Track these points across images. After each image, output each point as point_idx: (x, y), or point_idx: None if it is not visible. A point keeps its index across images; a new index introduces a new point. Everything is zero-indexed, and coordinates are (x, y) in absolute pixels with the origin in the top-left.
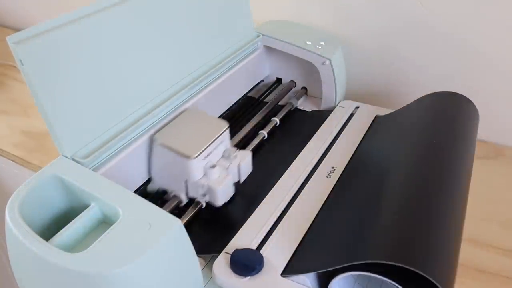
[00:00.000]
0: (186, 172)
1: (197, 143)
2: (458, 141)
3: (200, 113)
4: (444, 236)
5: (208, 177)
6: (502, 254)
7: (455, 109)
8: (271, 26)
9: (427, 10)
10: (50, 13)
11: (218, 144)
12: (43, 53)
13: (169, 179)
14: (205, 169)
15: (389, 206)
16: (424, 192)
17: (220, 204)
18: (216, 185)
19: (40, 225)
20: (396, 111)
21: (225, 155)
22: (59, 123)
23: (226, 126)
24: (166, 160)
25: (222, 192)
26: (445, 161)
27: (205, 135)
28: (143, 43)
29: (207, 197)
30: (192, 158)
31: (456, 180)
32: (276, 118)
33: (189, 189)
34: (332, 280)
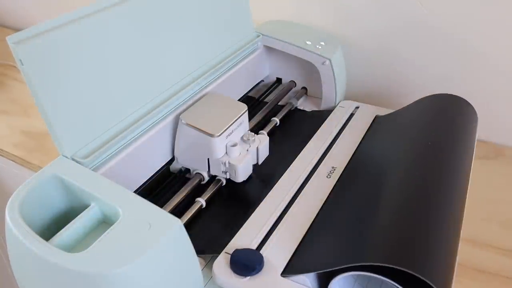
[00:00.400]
0: (209, 150)
1: (219, 123)
2: (456, 143)
3: (220, 96)
4: (441, 238)
5: (229, 155)
6: (502, 254)
7: (454, 111)
8: (271, 26)
9: (427, 10)
10: (50, 13)
11: (238, 125)
12: (43, 53)
13: (192, 158)
14: (226, 148)
15: (387, 207)
16: (423, 193)
17: (241, 180)
18: (237, 162)
19: (40, 225)
20: (396, 112)
21: (244, 139)
22: (59, 123)
23: (245, 108)
24: (191, 138)
25: (243, 169)
26: (443, 163)
27: (227, 116)
28: (143, 43)
29: (228, 174)
30: (215, 136)
31: (454, 182)
32: (276, 118)
33: (211, 167)
34: (332, 280)
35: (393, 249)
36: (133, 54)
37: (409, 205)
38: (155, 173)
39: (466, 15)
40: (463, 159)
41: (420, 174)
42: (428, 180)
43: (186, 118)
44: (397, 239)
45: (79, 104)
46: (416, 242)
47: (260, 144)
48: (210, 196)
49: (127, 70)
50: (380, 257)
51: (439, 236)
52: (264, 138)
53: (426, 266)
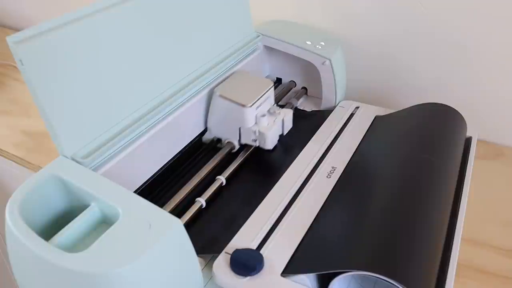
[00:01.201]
0: (241, 120)
1: (250, 95)
2: (444, 151)
3: (248, 74)
4: (425, 248)
5: (259, 125)
6: (502, 254)
7: (444, 121)
8: (271, 26)
9: (427, 10)
10: (50, 13)
11: (266, 98)
12: (43, 53)
13: (224, 128)
14: (256, 118)
15: (378, 212)
16: (409, 203)
17: (270, 147)
18: (266, 130)
19: (40, 225)
20: (392, 115)
21: (271, 112)
22: (59, 123)
23: (272, 84)
24: (224, 109)
25: (271, 137)
26: (429, 173)
27: (256, 90)
28: (142, 43)
29: (258, 142)
30: (247, 106)
31: (440, 190)
32: None
33: (242, 136)
34: (332, 280)
35: (374, 257)
36: (133, 54)
37: (395, 215)
38: (154, 173)
39: (466, 19)
40: (451, 166)
41: (408, 183)
42: (415, 188)
43: (220, 91)
44: (379, 248)
45: (79, 104)
46: (398, 250)
47: (285, 116)
48: (210, 196)
49: (127, 70)
50: (363, 265)
51: (422, 246)
52: (289, 111)
53: (404, 275)
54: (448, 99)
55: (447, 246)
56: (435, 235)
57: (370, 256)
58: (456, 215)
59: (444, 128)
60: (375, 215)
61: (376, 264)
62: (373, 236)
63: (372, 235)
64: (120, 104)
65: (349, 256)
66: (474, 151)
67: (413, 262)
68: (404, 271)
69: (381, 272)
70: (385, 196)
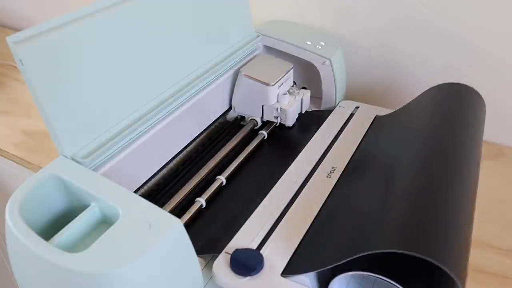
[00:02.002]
0: (264, 97)
1: (273, 75)
2: (465, 135)
3: (269, 56)
4: (455, 227)
5: (280, 102)
6: (502, 254)
7: (463, 102)
8: (271, 26)
9: (426, 10)
10: (50, 13)
11: (286, 79)
12: (43, 53)
13: (248, 105)
14: (278, 96)
15: (393, 202)
16: (432, 187)
17: (291, 124)
18: (288, 107)
19: (40, 225)
20: (400, 108)
21: (290, 91)
22: (59, 123)
23: (292, 66)
24: (248, 88)
25: (292, 113)
26: (452, 156)
27: (278, 70)
28: (142, 43)
29: (279, 119)
30: (270, 85)
31: (464, 175)
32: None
33: (265, 113)
34: (332, 280)
35: (405, 237)
36: (133, 54)
37: (419, 197)
38: (154, 173)
39: (466, 12)
40: (472, 151)
41: (430, 167)
42: (437, 172)
43: (245, 70)
44: (410, 226)
45: (79, 104)
46: (427, 230)
47: (304, 95)
48: (210, 196)
49: (127, 70)
50: (394, 244)
51: (451, 225)
52: (307, 91)
53: (443, 253)
54: None
55: None
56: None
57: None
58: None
59: (462, 106)
60: (386, 205)
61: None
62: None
63: (374, 230)
64: (120, 104)
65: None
66: None
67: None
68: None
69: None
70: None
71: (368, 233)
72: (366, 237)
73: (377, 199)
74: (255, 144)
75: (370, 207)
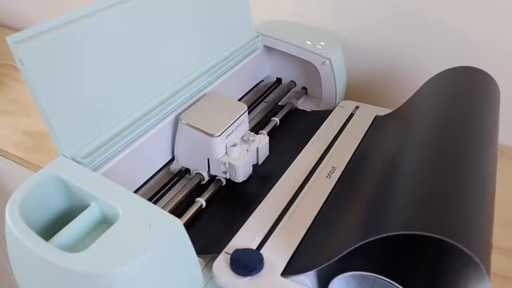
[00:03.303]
0: (209, 150)
1: (219, 123)
2: (481, 122)
3: (220, 96)
4: (477, 209)
5: (229, 155)
6: (502, 254)
7: (475, 84)
8: (271, 26)
9: (427, 10)
10: (50, 13)
11: (238, 125)
12: (43, 53)
13: (192, 158)
14: (226, 148)
15: (398, 192)
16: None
17: (241, 180)
18: (237, 162)
19: (40, 225)
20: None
21: (244, 139)
22: (59, 123)
23: (245, 108)
24: (191, 138)
25: (243, 169)
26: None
27: (227, 116)
28: (142, 44)
29: (228, 174)
30: (215, 136)
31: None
32: (276, 118)
33: (211, 167)
34: (332, 280)
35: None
36: (133, 54)
37: (436, 173)
38: (154, 173)
39: (466, 18)
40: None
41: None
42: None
43: (186, 118)
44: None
45: (79, 104)
46: (445, 209)
47: (260, 144)
48: (210, 196)
49: (127, 70)
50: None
51: (473, 207)
52: (264, 137)
53: (466, 235)
54: None
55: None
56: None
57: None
58: None
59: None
60: (378, 210)
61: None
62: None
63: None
64: (120, 104)
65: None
66: None
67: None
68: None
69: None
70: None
71: (374, 221)
72: (374, 223)
73: (377, 199)
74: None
75: (368, 209)
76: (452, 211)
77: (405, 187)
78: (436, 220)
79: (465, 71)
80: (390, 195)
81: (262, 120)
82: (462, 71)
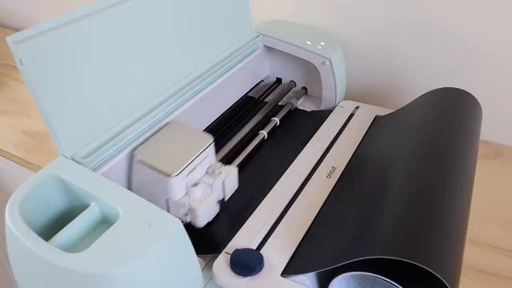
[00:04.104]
0: (167, 191)
1: (178, 160)
2: (461, 139)
3: (183, 126)
4: (448, 233)
5: (190, 196)
6: (502, 254)
7: (459, 106)
8: (271, 26)
9: (427, 9)
10: (50, 13)
11: (202, 159)
12: (43, 53)
13: (149, 197)
14: (187, 187)
15: (392, 203)
16: (428, 188)
17: (202, 225)
18: (197, 205)
19: (40, 225)
20: (398, 110)
21: (209, 172)
22: (59, 123)
23: (210, 140)
24: (146, 177)
25: (204, 212)
26: (448, 159)
27: (188, 151)
28: (142, 44)
29: (189, 217)
30: (172, 176)
31: (459, 178)
32: (276, 118)
33: (171, 208)
34: (332, 280)
35: (398, 243)
36: (133, 54)
37: (415, 200)
38: None
39: (466, 13)
40: (468, 154)
41: (425, 170)
42: (433, 175)
43: (140, 153)
44: (402, 233)
45: (79, 104)
46: (421, 236)
47: (226, 177)
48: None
49: (127, 70)
50: (389, 250)
51: (445, 231)
52: (232, 169)
53: (436, 260)
54: None
55: None
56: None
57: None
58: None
59: (460, 111)
60: (384, 208)
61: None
62: (388, 226)
63: (384, 226)
64: (120, 104)
65: (353, 247)
66: None
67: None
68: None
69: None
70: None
71: (365, 237)
72: (363, 241)
73: (375, 201)
74: (254, 144)
75: (368, 209)
76: (425, 239)
77: (389, 211)
78: (411, 247)
79: (449, 92)
80: (377, 215)
81: (262, 120)
82: (447, 92)
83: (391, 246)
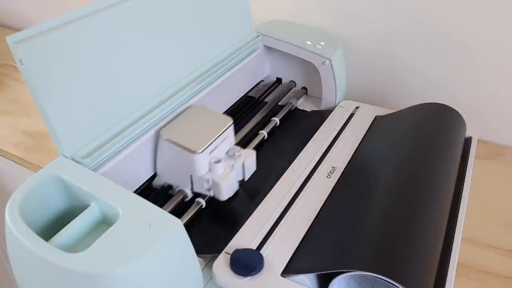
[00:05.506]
0: (192, 167)
1: (202, 138)
2: (445, 155)
3: (204, 109)
4: (424, 249)
5: (213, 172)
6: (502, 254)
7: (444, 121)
8: (271, 26)
9: (427, 10)
10: (50, 13)
11: (223, 140)
12: (43, 53)
13: (174, 174)
14: (210, 164)
15: (377, 213)
16: (408, 206)
17: (225, 198)
18: (221, 179)
19: (40, 225)
20: (392, 115)
21: (230, 154)
22: (59, 123)
23: (230, 122)
24: (172, 155)
25: (227, 187)
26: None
27: (210, 131)
28: (143, 43)
29: (212, 191)
30: (197, 153)
31: (439, 191)
32: (276, 118)
33: (194, 184)
34: (333, 280)
35: (374, 257)
36: (133, 54)
37: (395, 215)
38: (154, 173)
39: (466, 19)
40: (451, 166)
41: (408, 183)
42: (415, 188)
43: (166, 133)
44: (379, 247)
45: (79, 104)
46: (398, 250)
47: (246, 159)
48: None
49: (127, 70)
50: (363, 265)
51: (421, 246)
52: (251, 153)
53: (407, 275)
54: (448, 99)
55: (447, 246)
56: (434, 235)
57: (370, 256)
58: (456, 215)
59: (443, 128)
60: (375, 215)
61: (376, 264)
62: (372, 236)
63: (371, 235)
64: (120, 104)
65: (348, 256)
66: (474, 151)
67: (412, 262)
68: (403, 270)
69: (381, 272)
70: (385, 196)
71: (352, 248)
72: (349, 251)
73: (369, 205)
74: (254, 144)
75: (360, 215)
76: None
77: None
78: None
79: (435, 108)
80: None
81: (262, 120)
82: (431, 108)
83: (365, 261)
